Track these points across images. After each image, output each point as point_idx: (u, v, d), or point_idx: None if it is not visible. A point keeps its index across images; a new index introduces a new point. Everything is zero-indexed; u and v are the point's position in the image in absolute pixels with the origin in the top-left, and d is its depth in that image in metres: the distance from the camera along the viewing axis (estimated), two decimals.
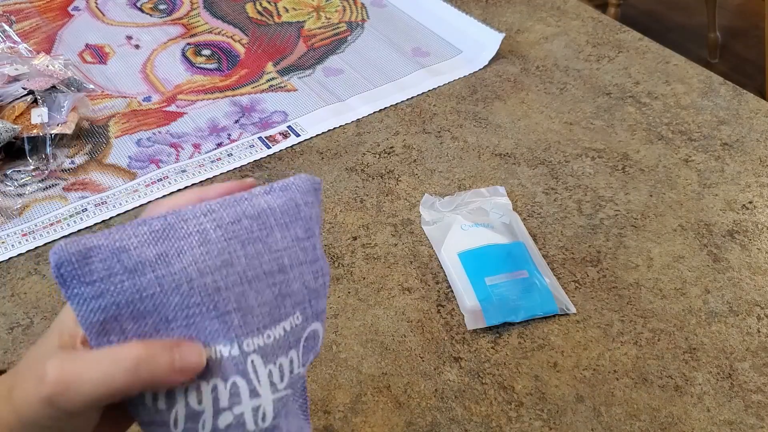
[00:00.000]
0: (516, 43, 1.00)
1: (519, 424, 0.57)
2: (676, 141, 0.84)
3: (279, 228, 0.35)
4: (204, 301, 0.33)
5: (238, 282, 0.33)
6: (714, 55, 2.25)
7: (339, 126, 0.86)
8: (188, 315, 0.32)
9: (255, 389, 0.34)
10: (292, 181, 0.36)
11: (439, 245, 0.71)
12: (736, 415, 0.57)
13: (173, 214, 0.33)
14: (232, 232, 0.33)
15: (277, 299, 0.34)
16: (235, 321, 0.33)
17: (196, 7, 1.09)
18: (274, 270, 0.34)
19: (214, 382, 0.33)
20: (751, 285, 0.68)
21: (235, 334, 0.33)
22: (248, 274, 0.33)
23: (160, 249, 0.32)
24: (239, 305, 0.33)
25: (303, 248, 0.36)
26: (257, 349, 0.34)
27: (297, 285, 0.35)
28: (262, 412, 0.34)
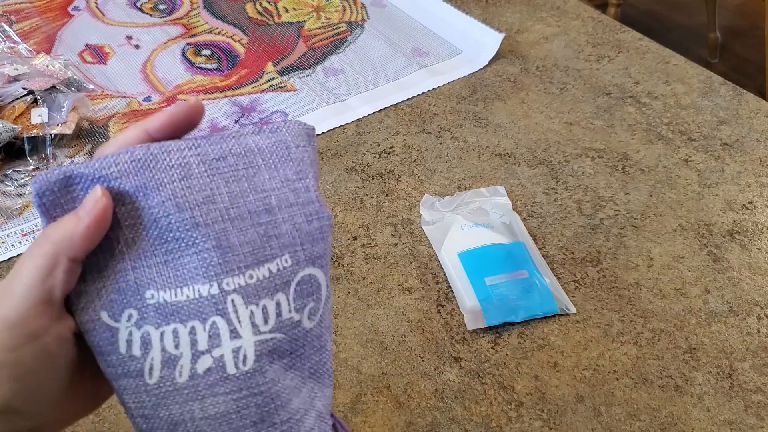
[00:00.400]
0: (516, 43, 1.00)
1: (519, 424, 0.57)
2: (676, 141, 0.84)
3: (267, 168, 0.34)
4: (182, 237, 0.31)
5: (219, 219, 0.32)
6: (714, 55, 2.25)
7: (339, 126, 0.86)
8: (166, 250, 0.32)
9: (235, 329, 0.32)
10: (283, 125, 0.35)
11: (439, 245, 0.71)
12: (736, 415, 0.57)
13: (158, 145, 0.32)
14: (216, 168, 0.32)
15: (262, 239, 0.33)
16: (215, 259, 0.32)
17: (196, 7, 1.09)
18: (259, 210, 0.33)
19: (191, 323, 0.32)
20: (751, 285, 0.68)
21: (215, 272, 0.32)
22: (231, 212, 0.32)
23: (140, 180, 0.31)
24: (219, 243, 0.32)
25: (293, 189, 0.34)
26: (238, 289, 0.32)
27: (286, 227, 0.34)
28: (243, 354, 0.33)
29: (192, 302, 0.32)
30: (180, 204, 0.32)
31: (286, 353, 0.34)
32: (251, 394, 0.33)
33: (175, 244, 0.32)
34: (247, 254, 0.33)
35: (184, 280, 0.32)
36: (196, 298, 0.32)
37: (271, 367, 0.34)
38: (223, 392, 0.32)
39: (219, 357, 0.32)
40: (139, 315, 0.32)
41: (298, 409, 0.35)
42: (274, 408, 0.34)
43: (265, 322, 0.33)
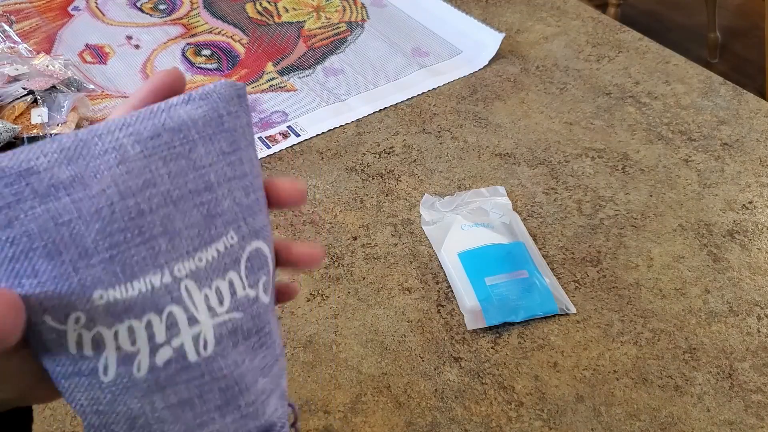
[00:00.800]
0: (516, 43, 1.00)
1: (519, 424, 0.57)
2: (676, 141, 0.84)
3: (203, 141, 0.32)
4: (128, 227, 0.29)
5: (163, 203, 0.30)
6: (714, 55, 2.25)
7: (339, 126, 0.86)
8: (111, 244, 0.29)
9: (193, 316, 0.31)
10: (213, 88, 0.32)
11: (439, 245, 0.71)
12: (736, 415, 0.57)
13: (85, 130, 0.29)
14: (152, 147, 0.30)
15: (206, 219, 0.31)
16: (163, 246, 0.30)
17: (196, 7, 1.09)
18: (200, 188, 0.31)
19: (147, 317, 0.30)
20: (751, 285, 0.68)
21: (165, 260, 0.30)
22: (173, 194, 0.30)
23: (74, 169, 0.28)
24: (165, 229, 0.30)
25: (230, 163, 0.33)
26: (189, 274, 0.31)
27: (227, 203, 0.32)
28: (203, 340, 0.31)
29: (145, 295, 0.30)
30: (122, 191, 0.29)
31: (252, 332, 0.33)
32: (213, 379, 0.32)
33: (120, 236, 0.29)
34: (194, 236, 0.31)
35: (134, 273, 0.29)
36: (149, 290, 0.30)
37: (235, 350, 0.33)
38: (184, 380, 0.31)
39: (179, 347, 0.31)
40: (87, 317, 0.29)
41: (264, 389, 0.34)
42: (238, 391, 0.33)
43: (220, 304, 0.32)
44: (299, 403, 0.58)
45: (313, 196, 0.77)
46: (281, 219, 0.74)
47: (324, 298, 0.66)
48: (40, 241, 0.28)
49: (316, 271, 0.69)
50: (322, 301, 0.66)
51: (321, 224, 0.74)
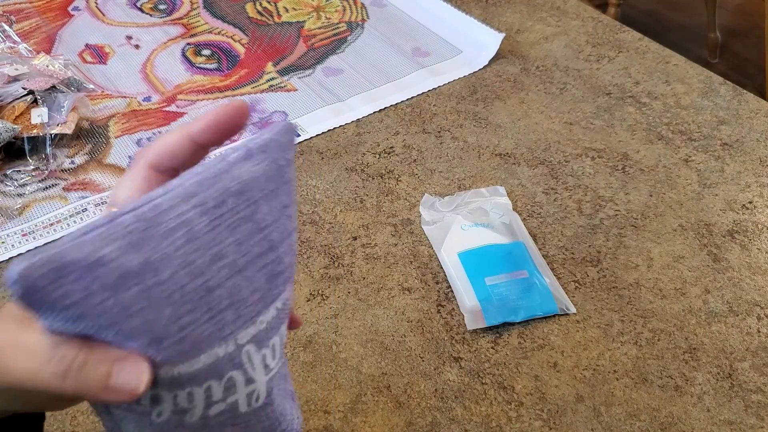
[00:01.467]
0: (516, 43, 1.00)
1: (519, 424, 0.57)
2: (676, 141, 0.84)
3: (265, 200, 0.31)
4: (197, 306, 0.28)
5: (230, 275, 0.29)
6: (714, 55, 2.25)
7: (339, 126, 0.86)
8: (180, 327, 0.28)
9: (251, 377, 0.31)
10: (271, 138, 0.31)
11: (439, 245, 0.71)
12: (736, 415, 0.57)
13: (148, 205, 0.28)
14: (218, 216, 0.29)
15: (269, 281, 0.31)
16: (229, 318, 0.30)
17: (196, 7, 1.09)
18: (265, 250, 0.31)
19: (208, 383, 0.30)
20: (751, 285, 0.68)
21: (230, 330, 0.30)
22: (239, 263, 0.30)
23: (143, 255, 0.27)
24: (232, 300, 0.29)
25: (288, 216, 0.32)
26: (251, 339, 0.31)
27: (288, 259, 0.32)
28: (256, 395, 0.32)
29: (209, 366, 0.29)
30: (192, 271, 0.28)
31: (282, 374, 0.34)
32: (259, 421, 0.33)
33: (190, 317, 0.28)
34: (257, 301, 0.31)
35: (201, 349, 0.29)
36: (214, 360, 0.30)
37: (278, 394, 0.34)
38: (231, 424, 0.32)
39: (233, 402, 0.31)
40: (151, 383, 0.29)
41: (291, 413, 0.35)
42: (277, 424, 0.34)
43: (273, 359, 0.32)
44: (299, 403, 0.58)
45: (313, 196, 0.77)
46: None
47: (324, 298, 0.66)
48: (110, 331, 0.27)
49: (316, 270, 0.69)
50: (322, 301, 0.66)
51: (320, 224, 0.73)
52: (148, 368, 0.27)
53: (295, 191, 0.33)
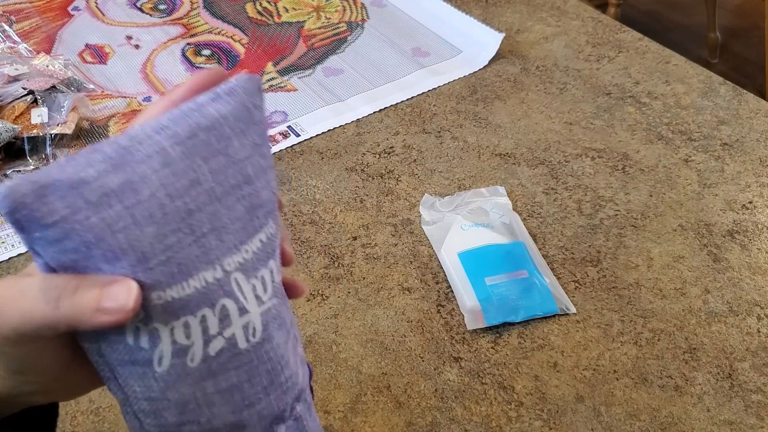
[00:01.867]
0: (516, 43, 1.00)
1: (519, 424, 0.57)
2: (676, 141, 0.84)
3: (236, 137, 0.32)
4: (180, 227, 0.30)
5: (209, 201, 0.31)
6: (714, 55, 2.25)
7: (339, 126, 0.86)
8: (167, 246, 0.29)
9: (243, 306, 0.32)
10: (236, 84, 0.33)
11: (439, 245, 0.71)
12: (736, 415, 0.57)
13: (123, 137, 0.29)
14: (192, 147, 0.30)
15: (249, 212, 0.33)
16: (213, 242, 0.31)
17: (196, 7, 1.09)
18: (240, 182, 0.32)
19: (201, 312, 0.31)
20: (751, 285, 0.68)
21: (216, 255, 0.31)
22: (217, 190, 0.31)
23: (123, 176, 0.29)
24: (214, 225, 0.31)
25: (262, 155, 0.34)
26: (238, 267, 0.32)
27: (266, 194, 0.34)
28: (252, 328, 0.33)
29: (200, 291, 0.31)
30: (171, 193, 0.30)
31: (282, 312, 0.35)
32: (261, 362, 0.34)
33: (174, 237, 0.30)
34: (239, 230, 0.32)
35: (189, 272, 0.30)
36: (203, 285, 0.31)
37: (277, 333, 0.34)
38: (235, 366, 0.33)
39: (230, 336, 0.32)
40: (146, 314, 0.30)
41: (295, 361, 0.36)
42: (280, 368, 0.35)
43: (264, 292, 0.33)
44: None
45: (313, 196, 0.77)
46: (281, 219, 0.74)
47: (324, 298, 0.66)
48: (98, 250, 0.28)
49: (316, 270, 0.69)
50: (322, 301, 0.66)
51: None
52: (136, 286, 0.29)
53: (267, 135, 0.34)
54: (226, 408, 0.33)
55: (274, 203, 0.34)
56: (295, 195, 0.77)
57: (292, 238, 0.72)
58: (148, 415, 0.32)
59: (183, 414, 0.32)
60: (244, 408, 0.33)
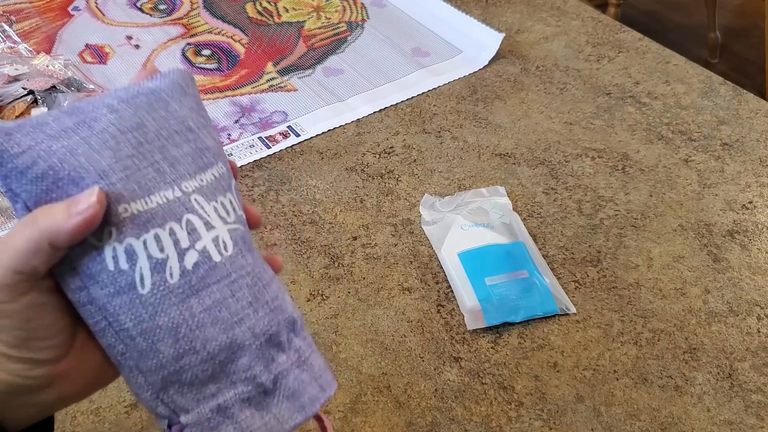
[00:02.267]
0: (516, 43, 1.00)
1: (519, 424, 0.57)
2: (676, 141, 0.84)
3: (173, 100, 0.36)
4: (134, 154, 0.34)
5: (156, 138, 0.35)
6: (714, 55, 2.25)
7: (339, 126, 0.86)
8: (124, 167, 0.34)
9: (208, 222, 0.35)
10: (168, 71, 0.38)
11: (439, 245, 0.71)
12: (736, 415, 0.57)
13: (76, 102, 0.35)
14: (135, 104, 0.35)
15: (196, 152, 0.36)
16: (167, 168, 0.35)
17: (196, 7, 1.09)
18: (183, 129, 0.36)
19: (169, 225, 0.34)
20: (751, 285, 0.68)
21: (172, 178, 0.35)
22: (162, 132, 0.35)
23: (76, 119, 0.34)
24: (165, 156, 0.35)
25: (201, 116, 0.38)
26: (196, 190, 0.35)
27: (210, 142, 0.37)
28: (222, 242, 0.35)
29: (163, 206, 0.34)
30: (121, 129, 0.34)
31: (251, 246, 0.38)
32: (240, 276, 0.36)
33: (129, 161, 0.34)
34: (190, 163, 0.36)
35: (149, 188, 0.34)
36: (165, 202, 0.34)
37: (249, 254, 0.37)
38: (215, 281, 0.35)
39: (202, 249, 0.35)
40: (117, 230, 0.33)
41: (278, 289, 0.38)
42: (262, 286, 0.37)
43: (227, 215, 0.37)
44: None
45: (313, 196, 0.77)
46: (281, 219, 0.74)
47: (324, 298, 0.66)
48: (64, 172, 0.33)
49: (316, 270, 0.69)
50: (322, 301, 0.66)
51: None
52: (97, 187, 0.33)
53: (202, 105, 0.39)
54: (217, 328, 0.34)
55: (220, 149, 0.38)
56: (295, 195, 0.77)
57: (292, 238, 0.72)
58: (146, 355, 0.34)
59: (177, 343, 0.34)
60: (235, 325, 0.35)
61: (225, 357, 0.35)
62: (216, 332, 0.34)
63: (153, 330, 0.34)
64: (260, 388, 0.35)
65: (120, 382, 0.59)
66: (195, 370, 0.34)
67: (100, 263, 0.33)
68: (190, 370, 0.34)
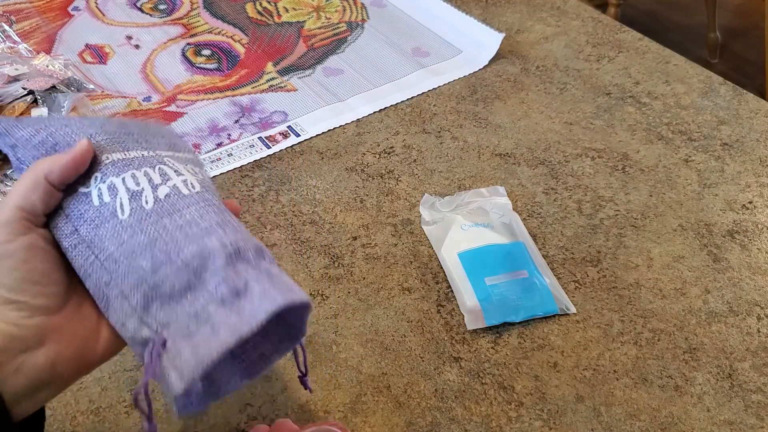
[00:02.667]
0: (516, 43, 1.00)
1: (519, 424, 0.57)
2: (676, 141, 0.84)
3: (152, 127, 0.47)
4: (117, 131, 0.43)
5: (137, 131, 0.45)
6: (714, 55, 2.25)
7: (339, 126, 0.86)
8: (107, 132, 0.43)
9: (178, 170, 0.43)
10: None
11: (439, 245, 0.71)
12: (736, 415, 0.57)
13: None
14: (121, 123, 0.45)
15: (172, 139, 0.47)
16: (144, 144, 0.44)
17: (196, 7, 1.09)
18: (162, 133, 0.46)
19: (144, 169, 0.42)
20: (751, 285, 0.68)
21: (147, 147, 0.44)
22: (142, 132, 0.45)
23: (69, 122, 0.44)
24: (144, 138, 0.44)
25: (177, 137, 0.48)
26: (168, 156, 0.44)
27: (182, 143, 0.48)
28: (190, 184, 0.43)
29: (139, 159, 0.42)
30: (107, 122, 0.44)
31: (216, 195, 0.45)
32: (207, 204, 0.42)
33: (113, 134, 0.43)
34: (165, 145, 0.45)
35: (129, 148, 0.43)
36: (142, 156, 0.43)
37: (214, 195, 0.44)
38: (185, 206, 0.41)
39: (173, 186, 0.42)
40: (101, 174, 0.41)
41: (242, 226, 0.43)
42: (228, 216, 0.42)
43: (194, 174, 0.44)
44: (299, 404, 0.58)
45: (313, 196, 0.77)
46: (281, 219, 0.74)
47: (324, 298, 0.66)
48: (59, 137, 0.42)
49: (316, 270, 0.69)
50: (322, 301, 0.66)
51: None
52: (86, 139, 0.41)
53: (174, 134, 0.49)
54: (189, 240, 0.39)
55: (191, 148, 0.48)
56: (295, 195, 0.77)
57: (292, 238, 0.72)
58: (128, 274, 0.38)
59: (154, 256, 0.38)
60: (204, 236, 0.40)
61: (198, 264, 0.38)
62: (188, 243, 0.39)
63: (132, 248, 0.39)
64: (233, 290, 0.38)
65: (120, 382, 0.59)
66: (172, 280, 0.38)
67: (87, 203, 0.40)
68: (168, 280, 0.38)
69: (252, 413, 0.57)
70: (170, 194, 0.40)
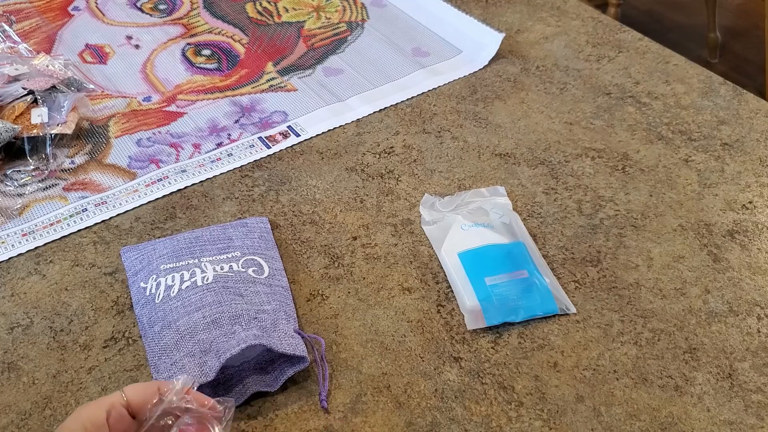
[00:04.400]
0: (516, 43, 1.00)
1: (519, 424, 0.57)
2: (676, 141, 0.84)
3: (207, 235, 0.70)
4: (183, 248, 0.67)
5: (198, 243, 0.68)
6: (714, 55, 2.25)
7: (339, 126, 0.86)
8: (175, 251, 0.67)
9: (204, 270, 0.64)
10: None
11: (439, 245, 0.71)
12: (736, 415, 0.57)
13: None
14: (198, 237, 0.70)
15: (223, 247, 0.68)
16: (198, 252, 0.67)
17: (196, 7, 1.09)
18: (223, 237, 0.69)
19: (182, 272, 0.64)
20: (751, 285, 0.68)
21: (198, 256, 0.66)
22: (195, 243, 0.68)
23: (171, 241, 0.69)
24: (203, 250, 0.67)
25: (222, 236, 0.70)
26: (209, 261, 0.65)
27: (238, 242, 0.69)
28: (206, 278, 0.63)
29: (184, 265, 0.65)
30: (185, 237, 0.69)
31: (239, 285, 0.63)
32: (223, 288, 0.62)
33: (176, 253, 0.67)
34: (215, 250, 0.67)
35: (181, 258, 0.66)
36: (187, 263, 0.65)
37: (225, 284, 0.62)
38: (195, 293, 0.61)
39: (193, 281, 0.63)
40: (156, 276, 0.64)
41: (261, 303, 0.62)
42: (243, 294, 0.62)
43: (221, 269, 0.64)
44: (299, 403, 0.58)
45: (313, 196, 0.77)
46: (281, 219, 0.74)
47: (324, 298, 0.66)
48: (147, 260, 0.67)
49: (316, 270, 0.69)
50: (322, 301, 0.66)
51: None
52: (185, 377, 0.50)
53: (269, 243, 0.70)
54: (202, 312, 0.60)
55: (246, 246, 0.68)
56: (295, 195, 0.77)
57: (292, 238, 0.72)
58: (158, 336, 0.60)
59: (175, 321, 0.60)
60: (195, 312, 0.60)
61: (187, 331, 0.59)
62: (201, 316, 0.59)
63: (159, 319, 0.61)
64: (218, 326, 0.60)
65: (120, 382, 0.59)
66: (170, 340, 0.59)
67: (142, 293, 0.64)
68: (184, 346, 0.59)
69: (252, 413, 0.57)
70: (188, 286, 0.62)
